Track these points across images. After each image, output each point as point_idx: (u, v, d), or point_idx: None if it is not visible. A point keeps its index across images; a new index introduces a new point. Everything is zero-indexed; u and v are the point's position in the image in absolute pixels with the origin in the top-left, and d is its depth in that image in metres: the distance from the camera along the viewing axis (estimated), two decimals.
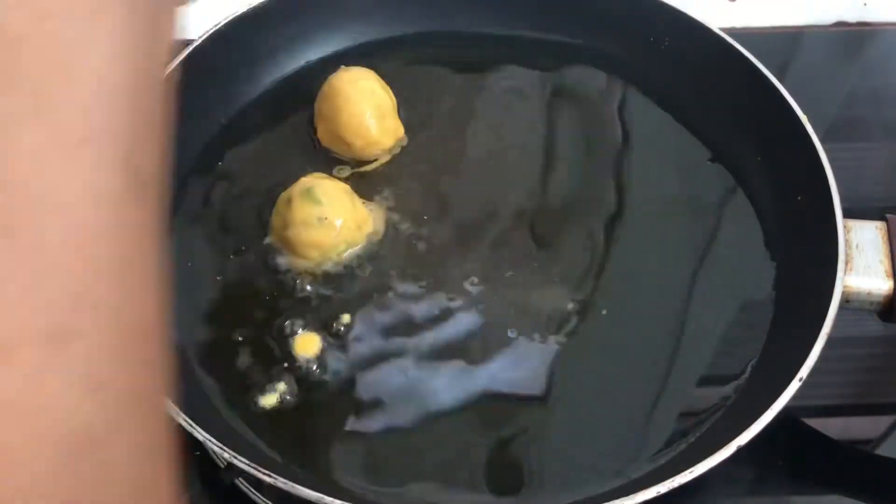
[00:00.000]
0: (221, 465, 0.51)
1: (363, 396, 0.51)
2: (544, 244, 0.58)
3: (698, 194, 0.60)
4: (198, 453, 0.54)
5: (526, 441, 0.50)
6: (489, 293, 0.55)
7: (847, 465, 0.58)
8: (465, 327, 0.53)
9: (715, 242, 0.58)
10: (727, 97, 0.63)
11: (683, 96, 0.65)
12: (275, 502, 0.52)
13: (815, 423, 0.59)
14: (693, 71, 0.65)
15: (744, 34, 0.68)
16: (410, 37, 0.69)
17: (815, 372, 0.46)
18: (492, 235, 0.58)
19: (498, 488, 0.48)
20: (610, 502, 0.42)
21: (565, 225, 0.59)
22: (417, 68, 0.68)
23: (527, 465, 0.49)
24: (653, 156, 0.63)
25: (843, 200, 0.53)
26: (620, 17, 0.67)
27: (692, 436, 0.49)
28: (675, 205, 0.60)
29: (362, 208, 0.57)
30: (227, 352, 0.52)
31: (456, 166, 0.61)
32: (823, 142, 0.56)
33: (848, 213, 0.53)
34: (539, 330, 0.53)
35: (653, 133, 0.64)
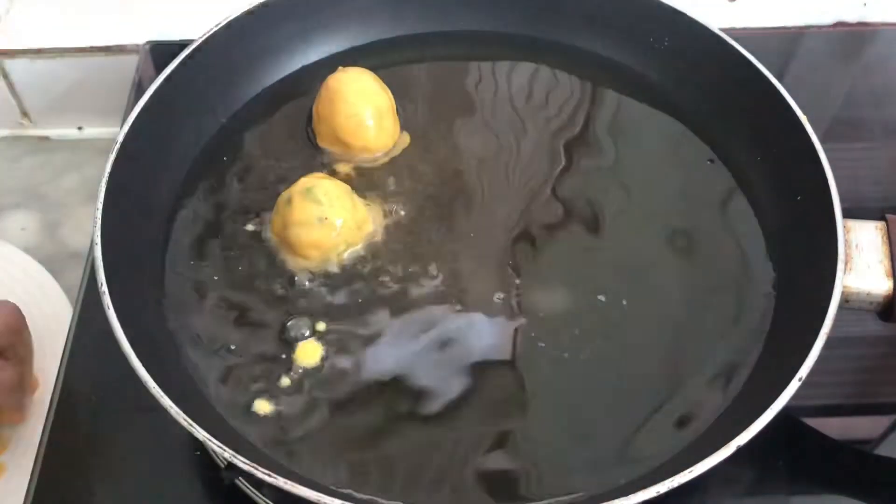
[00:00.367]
0: (221, 465, 0.52)
1: (362, 396, 0.51)
2: (544, 245, 0.58)
3: (698, 194, 0.60)
4: (198, 453, 0.55)
5: (525, 441, 0.50)
6: (489, 293, 0.55)
7: (847, 465, 0.58)
8: (465, 327, 0.53)
9: (714, 242, 0.58)
10: (727, 97, 0.63)
11: (683, 97, 0.65)
12: (275, 502, 0.52)
13: (814, 423, 0.59)
14: (693, 71, 0.65)
15: (744, 34, 0.68)
16: (409, 37, 0.69)
17: (814, 372, 0.46)
18: (491, 235, 0.58)
19: (497, 489, 0.48)
20: (610, 502, 0.42)
21: (565, 225, 0.59)
22: (416, 69, 0.68)
23: (526, 466, 0.49)
24: (652, 156, 0.63)
25: (842, 200, 0.53)
26: (620, 16, 0.67)
27: (692, 436, 0.49)
28: (675, 205, 0.60)
29: (362, 208, 0.57)
30: (227, 352, 0.52)
31: (455, 166, 0.62)
32: (823, 142, 0.56)
33: (848, 213, 0.53)
34: (539, 331, 0.53)
35: (652, 133, 0.64)
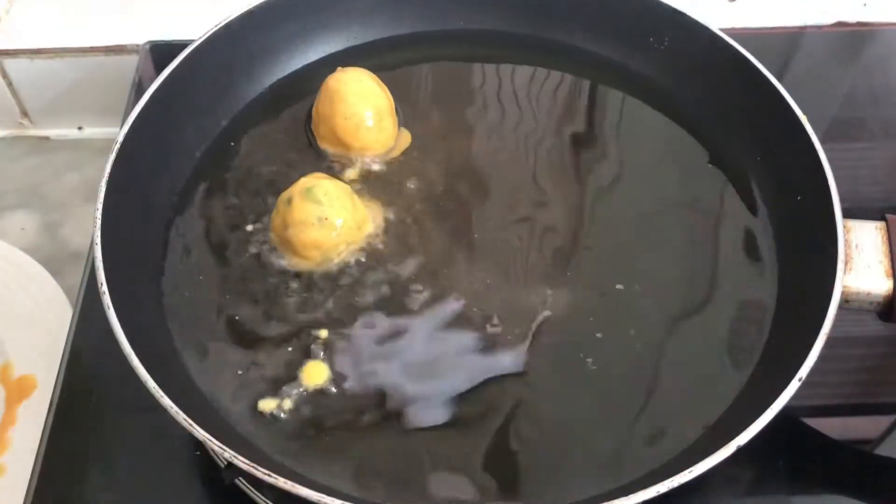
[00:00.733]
0: (221, 464, 0.52)
1: (362, 397, 0.51)
2: (544, 245, 0.58)
3: (698, 194, 0.61)
4: (198, 453, 0.55)
5: (525, 442, 0.50)
6: (489, 294, 0.55)
7: (847, 465, 0.58)
8: (465, 328, 0.53)
9: (714, 242, 0.58)
10: (727, 97, 0.63)
11: (683, 96, 0.65)
12: (275, 502, 0.52)
13: (814, 423, 0.59)
14: (693, 71, 0.65)
15: (744, 34, 0.68)
16: (409, 37, 0.69)
17: (814, 372, 0.46)
18: (491, 236, 0.58)
19: (498, 489, 0.48)
20: (610, 502, 0.42)
21: (565, 226, 0.59)
22: (415, 69, 0.68)
23: (526, 466, 0.49)
24: (652, 156, 0.63)
25: (842, 200, 0.53)
26: (620, 16, 0.67)
27: (692, 436, 0.49)
28: (675, 205, 0.60)
29: (362, 208, 0.57)
30: (227, 351, 0.52)
31: (455, 166, 0.62)
32: (823, 142, 0.56)
33: (848, 213, 0.53)
34: (539, 331, 0.53)
35: (652, 133, 0.64)
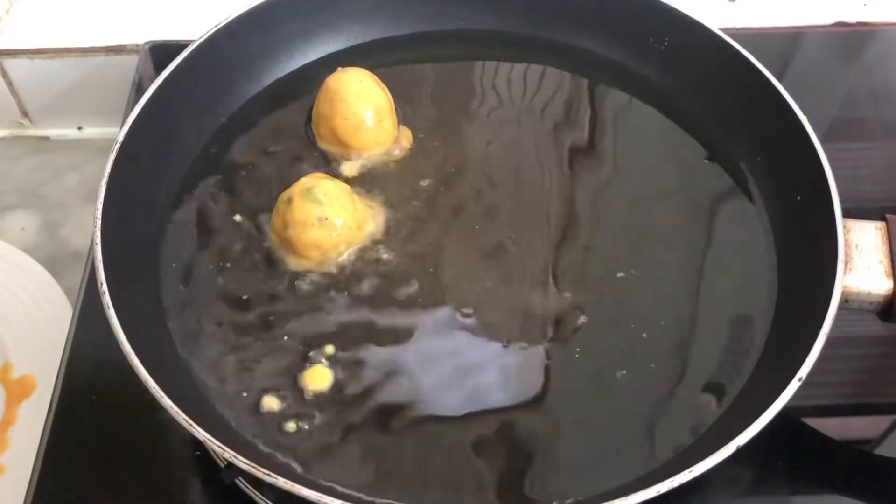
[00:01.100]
0: (221, 464, 0.52)
1: (362, 399, 0.51)
2: (545, 245, 0.58)
3: (698, 195, 0.60)
4: (198, 453, 0.55)
5: (526, 443, 0.50)
6: (490, 294, 0.55)
7: (847, 465, 0.58)
8: (465, 329, 0.53)
9: (714, 243, 0.58)
10: (727, 97, 0.63)
11: (683, 96, 0.65)
12: (275, 502, 0.52)
13: (814, 423, 0.59)
14: (692, 71, 0.65)
15: (744, 34, 0.68)
16: (409, 37, 0.69)
17: (814, 372, 0.46)
18: (491, 236, 0.58)
19: (498, 490, 0.48)
20: (610, 502, 0.42)
21: (565, 226, 0.59)
22: (415, 69, 0.68)
23: (526, 467, 0.49)
24: (652, 156, 0.63)
25: (842, 200, 0.53)
26: (620, 16, 0.67)
27: (692, 436, 0.49)
28: (675, 205, 0.60)
29: (362, 208, 0.57)
30: (227, 351, 0.52)
31: (456, 166, 0.61)
32: (823, 142, 0.56)
33: (848, 213, 0.53)
34: (539, 333, 0.53)
35: (652, 133, 0.64)
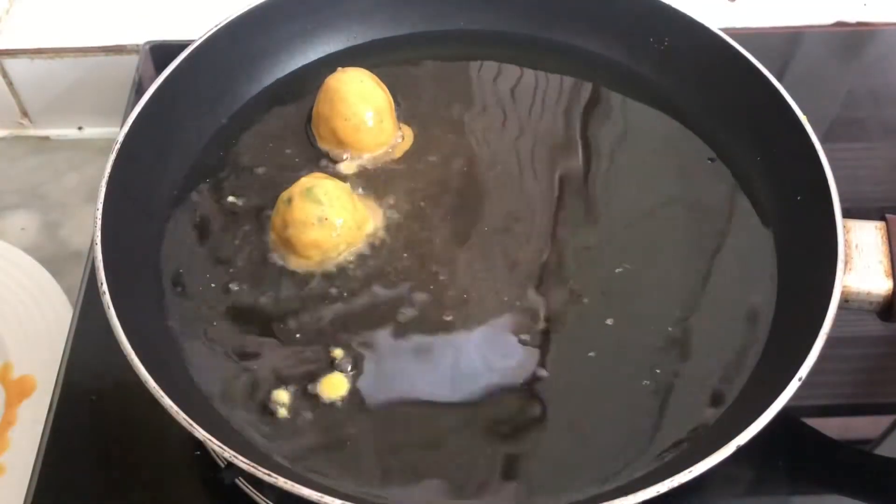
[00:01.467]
0: (221, 464, 0.52)
1: (363, 398, 0.51)
2: (545, 245, 0.58)
3: (698, 195, 0.60)
4: (198, 453, 0.55)
5: (526, 442, 0.50)
6: (490, 294, 0.55)
7: (847, 465, 0.58)
8: (465, 328, 0.53)
9: (714, 243, 0.58)
10: (727, 97, 0.63)
11: (683, 97, 0.65)
12: (275, 502, 0.52)
13: (815, 423, 0.59)
14: (693, 71, 0.65)
15: (744, 34, 0.68)
16: (409, 37, 0.69)
17: (814, 372, 0.46)
18: (492, 236, 0.58)
19: (497, 489, 0.48)
20: (610, 502, 0.42)
21: (565, 226, 0.59)
22: (415, 69, 0.68)
23: (526, 466, 0.49)
24: (652, 156, 0.63)
25: (842, 200, 0.53)
26: (620, 16, 0.67)
27: (692, 435, 0.49)
28: (675, 205, 0.60)
29: (362, 208, 0.57)
30: (227, 351, 0.52)
31: (456, 166, 0.62)
32: (823, 142, 0.56)
33: (847, 213, 0.53)
34: (540, 332, 0.53)
35: (652, 133, 0.64)
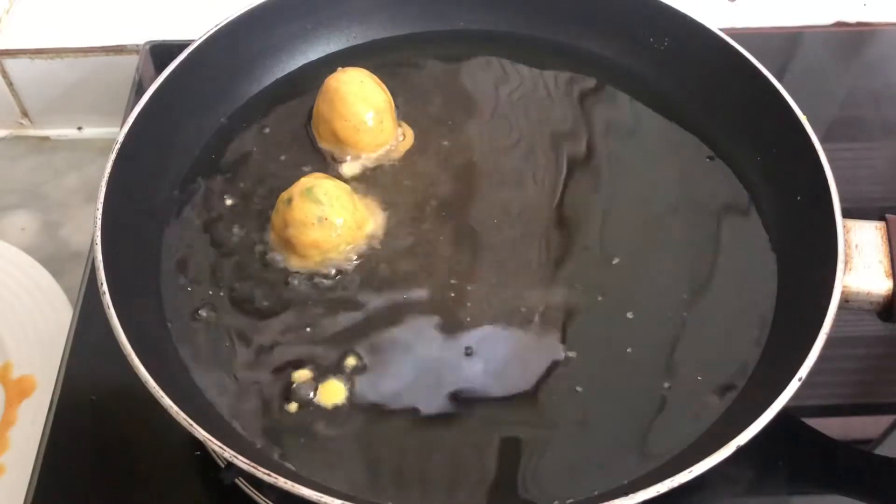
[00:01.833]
0: (221, 464, 0.52)
1: (363, 398, 0.51)
2: (545, 245, 0.58)
3: (698, 195, 0.60)
4: (198, 453, 0.55)
5: (526, 442, 0.50)
6: (490, 294, 0.55)
7: (847, 465, 0.58)
8: (466, 328, 0.53)
9: (714, 243, 0.58)
10: (727, 97, 0.63)
11: (683, 97, 0.65)
12: (275, 502, 0.52)
13: (814, 423, 0.59)
14: (693, 71, 0.65)
15: (744, 34, 0.68)
16: (409, 37, 0.69)
17: (814, 372, 0.46)
18: (492, 236, 0.58)
19: (498, 489, 0.48)
20: (610, 502, 0.42)
21: (565, 225, 0.59)
22: (415, 69, 0.68)
23: (526, 466, 0.49)
24: (651, 157, 0.63)
25: (842, 200, 0.53)
26: (620, 17, 0.67)
27: (692, 436, 0.49)
28: (675, 205, 0.60)
29: (362, 208, 0.57)
30: (227, 351, 0.52)
31: (454, 166, 0.62)
32: (823, 142, 0.56)
33: (847, 213, 0.53)
34: (540, 332, 0.53)
35: (652, 133, 0.64)
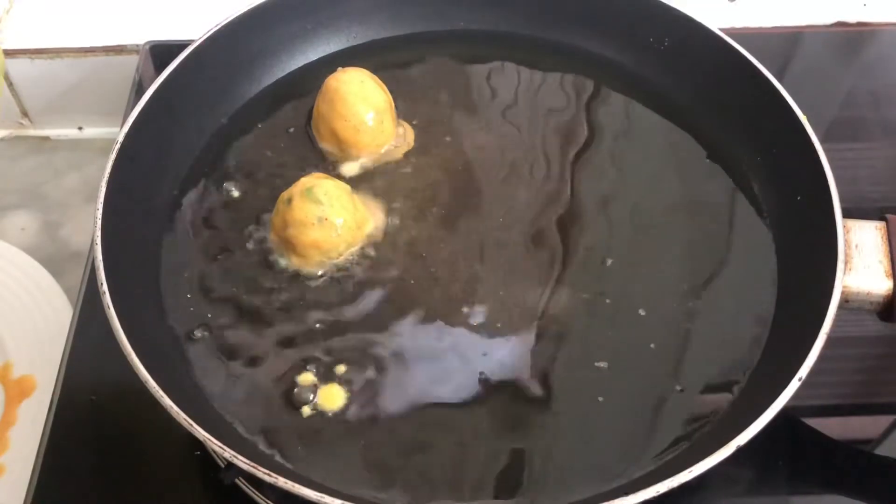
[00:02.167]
0: (221, 464, 0.52)
1: (363, 398, 0.51)
2: (545, 245, 0.58)
3: (698, 195, 0.60)
4: (198, 453, 0.55)
5: (526, 442, 0.50)
6: (490, 294, 0.55)
7: (847, 465, 0.58)
8: (466, 328, 0.53)
9: (714, 243, 0.58)
10: (727, 97, 0.63)
11: (683, 97, 0.65)
12: (275, 502, 0.52)
13: (814, 423, 0.59)
14: (693, 71, 0.65)
15: (744, 34, 0.68)
16: (409, 37, 0.69)
17: (814, 372, 0.46)
18: (492, 236, 0.58)
19: (499, 489, 0.48)
20: (610, 502, 0.42)
21: (566, 225, 0.59)
22: (415, 69, 0.68)
23: (527, 466, 0.49)
24: (652, 156, 0.63)
25: (842, 200, 0.53)
26: (620, 17, 0.67)
27: (692, 436, 0.49)
28: (675, 205, 0.60)
29: (362, 208, 0.57)
30: (226, 351, 0.52)
31: (456, 166, 0.62)
32: (823, 142, 0.56)
33: (847, 213, 0.53)
34: (541, 332, 0.53)
35: (652, 133, 0.64)
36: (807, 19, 0.82)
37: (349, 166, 0.61)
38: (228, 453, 0.43)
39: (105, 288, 0.48)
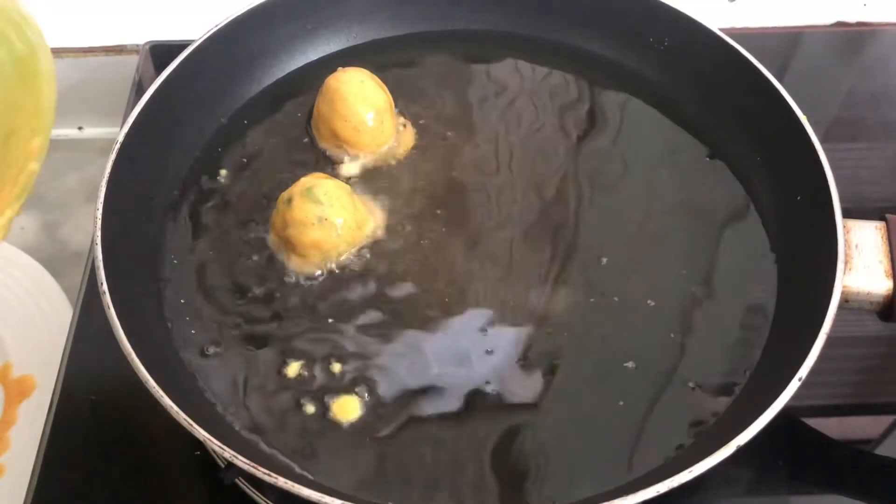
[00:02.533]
0: (221, 464, 0.52)
1: (363, 397, 0.51)
2: (545, 245, 0.58)
3: (698, 195, 0.60)
4: (198, 453, 0.55)
5: (526, 442, 0.50)
6: (490, 294, 0.55)
7: (847, 465, 0.58)
8: (466, 328, 0.53)
9: (715, 243, 0.58)
10: (727, 97, 0.63)
11: (683, 97, 0.65)
12: (275, 502, 0.52)
13: (814, 423, 0.59)
14: (693, 71, 0.65)
15: (743, 34, 0.68)
16: (409, 37, 0.69)
17: (814, 372, 0.46)
18: (492, 236, 0.58)
19: (499, 489, 0.48)
20: (610, 502, 0.42)
21: (566, 225, 0.59)
22: (415, 69, 0.68)
23: (527, 466, 0.49)
24: (652, 156, 0.63)
25: (842, 200, 0.53)
26: (620, 17, 0.67)
27: (692, 436, 0.49)
28: (675, 205, 0.60)
29: (362, 208, 0.57)
30: (226, 351, 0.52)
31: (455, 166, 0.61)
32: (823, 142, 0.56)
33: (847, 213, 0.53)
34: (541, 332, 0.53)
35: (652, 133, 0.64)
36: (807, 19, 0.82)
37: (349, 166, 0.61)
38: (228, 453, 0.43)
39: (105, 288, 0.48)
